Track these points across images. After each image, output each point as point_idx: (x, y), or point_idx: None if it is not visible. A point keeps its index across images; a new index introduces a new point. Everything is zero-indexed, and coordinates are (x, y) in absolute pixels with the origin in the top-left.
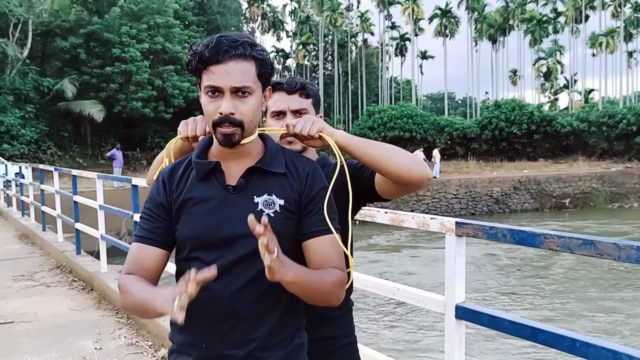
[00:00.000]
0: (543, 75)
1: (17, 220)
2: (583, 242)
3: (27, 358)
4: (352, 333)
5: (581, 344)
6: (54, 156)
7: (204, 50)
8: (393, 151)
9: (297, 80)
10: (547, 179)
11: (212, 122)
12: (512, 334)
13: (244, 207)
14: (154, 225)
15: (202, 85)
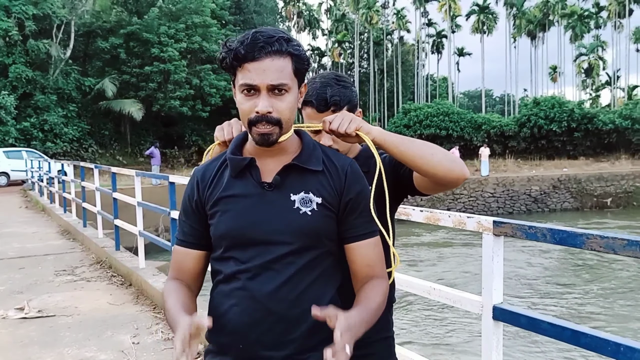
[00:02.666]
0: (584, 71)
1: (60, 217)
2: (628, 242)
3: (67, 351)
4: (390, 328)
5: (626, 348)
6: (95, 154)
7: (239, 47)
8: (430, 150)
9: (326, 96)
10: (588, 177)
11: (248, 120)
12: (552, 337)
13: (281, 205)
14: (190, 227)
15: (237, 83)
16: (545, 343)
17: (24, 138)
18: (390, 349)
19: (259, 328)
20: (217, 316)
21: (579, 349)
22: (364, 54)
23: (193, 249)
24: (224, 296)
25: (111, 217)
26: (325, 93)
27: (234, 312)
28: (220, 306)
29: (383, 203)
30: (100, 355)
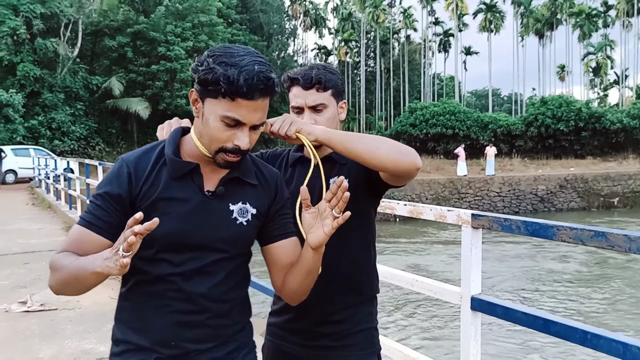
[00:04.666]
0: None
1: (65, 213)
2: (595, 233)
3: (68, 343)
4: (373, 320)
5: (592, 335)
6: (102, 152)
7: (241, 83)
8: (376, 144)
9: (312, 75)
10: (595, 177)
11: (222, 147)
12: (526, 326)
13: (220, 214)
14: (105, 215)
15: (219, 112)
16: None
17: (32, 136)
18: (372, 339)
19: (194, 325)
20: (143, 316)
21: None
22: (370, 52)
23: (100, 236)
24: (153, 296)
25: None
26: (312, 72)
27: (166, 311)
28: (147, 306)
29: (359, 195)
30: (99, 347)
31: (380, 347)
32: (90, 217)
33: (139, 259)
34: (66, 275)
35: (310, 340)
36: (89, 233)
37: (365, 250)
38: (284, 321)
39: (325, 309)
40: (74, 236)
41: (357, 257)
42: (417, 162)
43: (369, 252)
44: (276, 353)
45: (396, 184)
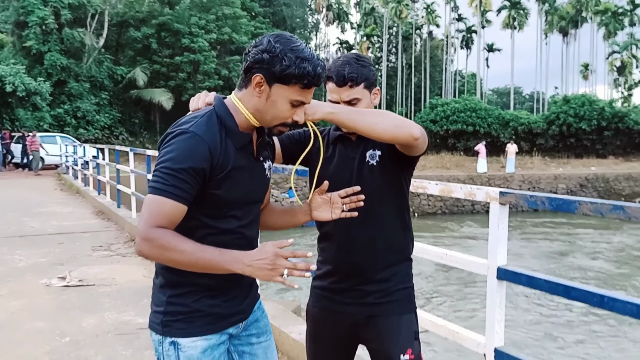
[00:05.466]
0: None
1: (94, 198)
2: (613, 207)
3: (108, 314)
4: (410, 280)
5: (609, 299)
6: (125, 142)
7: (318, 78)
8: (376, 119)
9: (345, 74)
10: (617, 177)
11: (284, 122)
12: (548, 292)
13: (262, 172)
14: (190, 188)
15: (290, 97)
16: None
17: (58, 124)
18: (410, 297)
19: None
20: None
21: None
22: (392, 48)
23: (186, 205)
24: (220, 245)
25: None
26: (344, 70)
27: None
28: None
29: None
30: (138, 319)
31: (416, 306)
32: (178, 191)
33: (210, 218)
34: (184, 259)
35: (357, 298)
36: (179, 205)
37: (401, 216)
38: (330, 282)
39: (370, 268)
40: (166, 211)
41: (395, 222)
42: (413, 133)
43: (405, 216)
44: (322, 314)
45: (410, 154)
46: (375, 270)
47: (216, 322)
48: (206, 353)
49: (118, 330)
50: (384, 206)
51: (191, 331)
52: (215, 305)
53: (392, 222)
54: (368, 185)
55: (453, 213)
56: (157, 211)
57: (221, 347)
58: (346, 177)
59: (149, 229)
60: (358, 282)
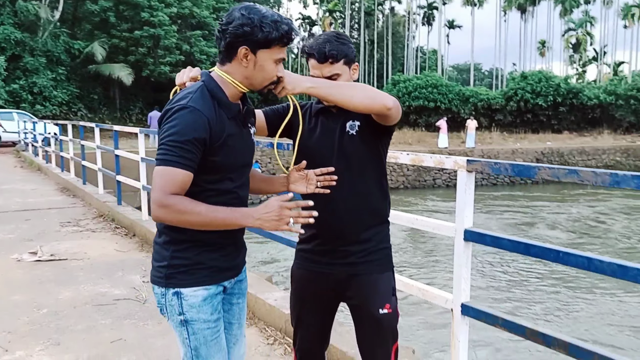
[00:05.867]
0: (572, 46)
1: (58, 175)
2: (568, 171)
3: (83, 287)
4: (388, 241)
5: (563, 254)
6: (84, 118)
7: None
8: (351, 92)
9: (325, 51)
10: (571, 151)
11: (270, 82)
12: (511, 250)
13: (249, 137)
14: (195, 157)
15: (274, 57)
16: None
17: (13, 100)
18: (388, 257)
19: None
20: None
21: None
22: (354, 24)
23: (192, 173)
24: (219, 204)
25: (113, 174)
26: (325, 48)
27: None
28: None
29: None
30: (114, 291)
31: (393, 265)
32: (185, 161)
33: (210, 182)
34: (200, 220)
35: (340, 258)
36: (187, 173)
37: (380, 181)
38: (314, 245)
39: (353, 230)
40: (178, 179)
41: (374, 186)
42: (386, 103)
43: (383, 182)
44: (307, 275)
45: (385, 123)
46: (357, 232)
47: (215, 274)
48: (206, 301)
49: (95, 301)
50: (364, 172)
51: (193, 282)
52: (214, 258)
53: (371, 186)
54: (349, 153)
55: (415, 187)
56: (170, 180)
57: (218, 297)
58: (328, 146)
59: (165, 196)
60: (341, 244)
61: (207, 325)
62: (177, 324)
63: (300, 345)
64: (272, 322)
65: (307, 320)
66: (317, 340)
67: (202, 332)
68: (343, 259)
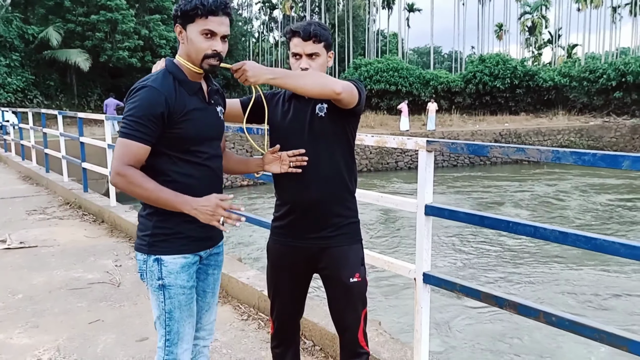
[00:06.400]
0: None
1: (18, 164)
2: (517, 149)
3: (56, 272)
4: (356, 215)
5: (513, 224)
6: (40, 105)
7: (210, 5)
8: (305, 80)
9: (310, 30)
10: (528, 132)
11: (205, 55)
12: (466, 222)
13: (214, 114)
14: (152, 131)
15: (198, 28)
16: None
17: None
18: (357, 230)
19: (215, 189)
20: (188, 184)
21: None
22: (315, 7)
23: (148, 145)
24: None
25: (78, 162)
26: (310, 28)
27: (201, 180)
28: (188, 180)
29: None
30: (87, 275)
31: (361, 237)
32: (140, 134)
33: (178, 153)
34: (146, 195)
35: (313, 232)
36: (142, 146)
37: (348, 159)
38: (289, 222)
39: (324, 206)
40: (132, 151)
41: (342, 164)
42: (335, 89)
43: (349, 160)
44: (283, 249)
45: (343, 107)
46: (327, 207)
47: (192, 243)
48: (184, 269)
49: (69, 285)
50: (333, 151)
51: (173, 249)
52: (192, 229)
53: (340, 164)
54: (318, 132)
55: (378, 170)
56: (126, 152)
57: (194, 266)
58: (300, 127)
59: (122, 166)
60: (313, 218)
61: (183, 291)
62: (155, 288)
63: (277, 314)
64: (245, 300)
65: (283, 291)
66: (293, 309)
67: (177, 297)
68: (315, 233)
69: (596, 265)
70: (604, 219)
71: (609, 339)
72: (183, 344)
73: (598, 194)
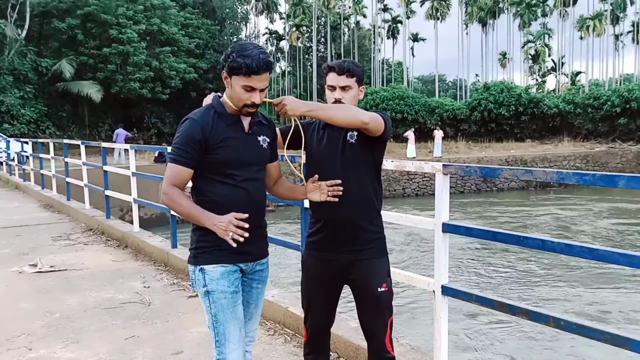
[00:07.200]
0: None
1: (39, 193)
2: (525, 171)
3: (89, 293)
4: (382, 231)
5: (523, 238)
6: (52, 136)
7: (253, 67)
8: (335, 112)
9: (344, 65)
10: (533, 158)
11: (245, 104)
12: (481, 238)
13: (255, 143)
14: (192, 156)
15: (241, 83)
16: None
17: None
18: (384, 245)
19: (252, 210)
20: (223, 203)
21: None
22: (321, 38)
23: (190, 169)
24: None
25: (101, 189)
26: (344, 64)
27: (236, 201)
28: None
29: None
30: (118, 295)
31: (387, 252)
32: (183, 159)
33: (217, 175)
34: (181, 210)
35: (344, 246)
36: (184, 169)
37: (375, 181)
38: (322, 237)
39: (354, 223)
40: (175, 173)
41: (371, 185)
42: (363, 119)
43: (377, 182)
44: (317, 262)
45: (371, 135)
46: (357, 224)
47: (229, 255)
48: (223, 276)
49: (103, 305)
50: (362, 174)
51: (212, 260)
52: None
53: (368, 186)
54: (349, 157)
55: (386, 197)
56: (170, 174)
57: (235, 274)
58: (334, 152)
59: (167, 186)
60: (345, 234)
61: (224, 295)
62: (202, 294)
63: (310, 323)
64: (271, 316)
65: (316, 300)
66: (325, 318)
67: (220, 301)
68: (346, 247)
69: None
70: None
71: (613, 340)
72: (230, 344)
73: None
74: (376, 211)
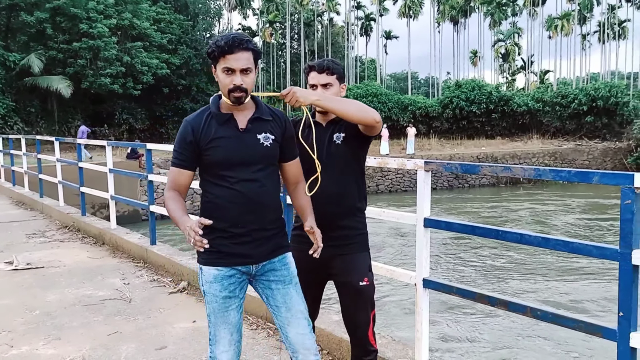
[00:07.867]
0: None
1: (10, 190)
2: (504, 168)
3: (68, 290)
4: (365, 227)
5: (502, 232)
6: (20, 132)
7: (223, 45)
8: (349, 105)
9: (324, 64)
10: (504, 155)
11: (228, 89)
12: (461, 232)
13: (253, 141)
14: (187, 157)
15: (220, 67)
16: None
17: None
18: (365, 240)
19: (249, 212)
20: (218, 204)
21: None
22: (294, 34)
23: (187, 170)
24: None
25: (76, 186)
26: (324, 62)
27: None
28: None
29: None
30: (98, 292)
31: (369, 247)
32: (179, 161)
33: (212, 177)
34: (169, 213)
35: (327, 241)
36: (180, 170)
37: (359, 180)
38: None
39: (337, 220)
40: (172, 177)
41: (354, 184)
42: (375, 117)
43: (361, 181)
44: (302, 254)
45: (369, 134)
46: (340, 220)
47: (224, 257)
48: (217, 279)
49: (83, 302)
50: (346, 173)
51: (207, 261)
52: (224, 245)
53: (352, 184)
54: (335, 157)
55: None
56: (169, 177)
57: (230, 278)
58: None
59: (166, 190)
60: (328, 229)
61: (215, 299)
62: (202, 292)
63: None
64: (253, 311)
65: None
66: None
67: (211, 304)
68: (329, 242)
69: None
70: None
71: (586, 328)
72: (220, 346)
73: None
74: (358, 208)
